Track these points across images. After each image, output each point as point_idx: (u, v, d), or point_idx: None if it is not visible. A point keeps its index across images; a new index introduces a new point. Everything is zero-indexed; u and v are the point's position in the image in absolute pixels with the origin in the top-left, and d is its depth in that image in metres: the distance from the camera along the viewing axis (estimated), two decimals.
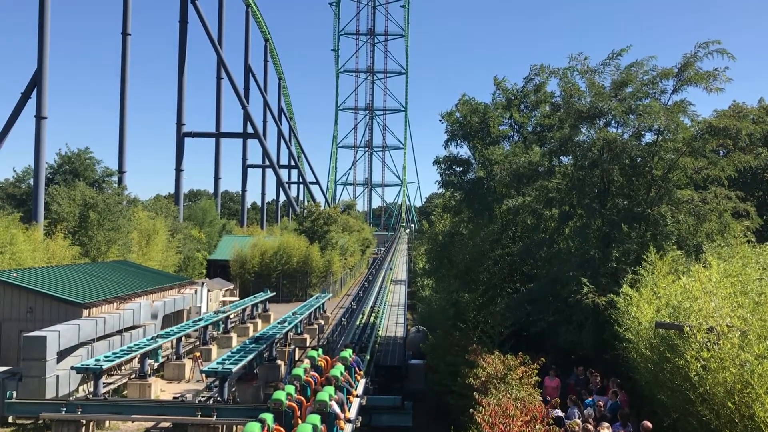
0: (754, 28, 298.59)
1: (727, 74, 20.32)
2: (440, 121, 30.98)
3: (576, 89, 23.22)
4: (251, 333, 39.11)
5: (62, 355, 23.73)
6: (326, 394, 15.47)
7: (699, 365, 11.76)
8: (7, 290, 26.96)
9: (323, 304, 46.13)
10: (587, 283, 19.02)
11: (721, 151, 23.56)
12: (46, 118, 50.93)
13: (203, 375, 25.98)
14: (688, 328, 12.57)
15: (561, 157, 25.08)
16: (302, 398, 16.72)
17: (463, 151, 31.03)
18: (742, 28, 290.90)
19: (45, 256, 38.63)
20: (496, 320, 23.38)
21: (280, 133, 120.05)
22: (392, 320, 40.48)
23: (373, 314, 38.85)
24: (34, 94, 52.38)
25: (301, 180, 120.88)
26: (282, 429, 14.50)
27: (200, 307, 40.87)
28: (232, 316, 40.02)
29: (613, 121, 22.38)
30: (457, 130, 30.27)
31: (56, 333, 23.41)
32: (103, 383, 23.19)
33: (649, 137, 22.15)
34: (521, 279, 26.98)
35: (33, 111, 51.35)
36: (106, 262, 41.60)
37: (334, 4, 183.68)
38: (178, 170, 78.81)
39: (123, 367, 27.24)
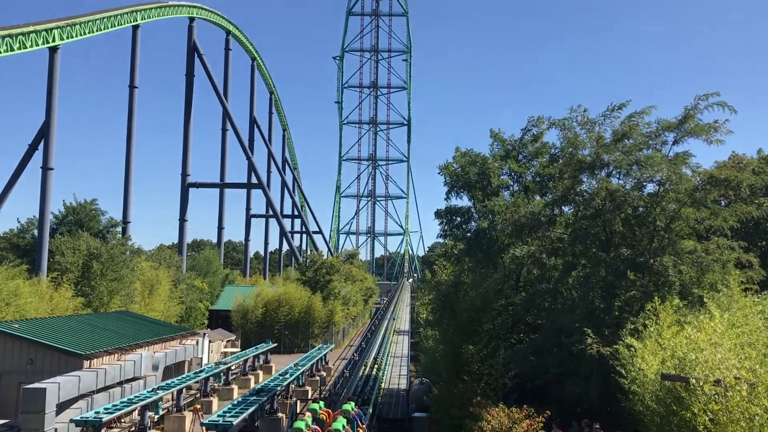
0: (750, 79, 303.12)
1: (727, 126, 20.60)
2: (438, 173, 31.32)
3: (577, 140, 23.50)
4: (252, 385, 38.65)
5: (61, 407, 23.44)
6: None
7: (707, 418, 11.59)
8: (8, 342, 26.80)
9: (325, 355, 45.70)
10: (591, 334, 18.89)
11: (723, 202, 23.68)
12: (52, 169, 51.45)
13: (203, 428, 25.61)
14: (694, 380, 12.44)
15: (563, 207, 25.24)
16: None
17: (464, 202, 31.27)
18: (739, 79, 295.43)
19: (48, 307, 38.53)
20: (499, 372, 23.14)
21: (283, 183, 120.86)
22: (395, 372, 40.07)
23: (376, 366, 38.48)
24: (41, 146, 52.99)
25: (304, 229, 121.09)
26: None
27: (201, 359, 40.50)
28: (233, 368, 39.63)
29: (614, 172, 22.59)
30: (456, 181, 30.57)
31: (56, 385, 23.19)
32: None
33: (651, 188, 22.35)
34: (525, 329, 26.81)
35: (39, 162, 51.92)
36: (108, 312, 41.44)
37: (338, 57, 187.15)
38: (182, 220, 79.07)
39: (123, 420, 26.86)
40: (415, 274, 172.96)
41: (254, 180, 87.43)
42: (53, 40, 51.35)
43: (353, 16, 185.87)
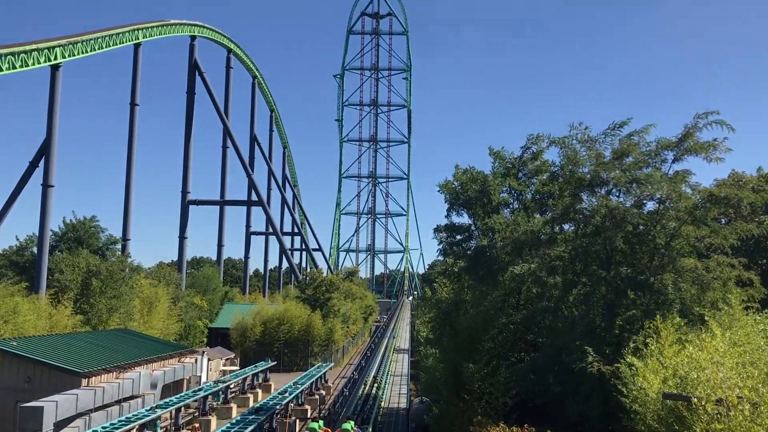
0: (749, 96, 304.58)
1: (726, 144, 20.66)
2: (438, 191, 31.34)
3: (577, 158, 23.52)
4: (251, 403, 38.38)
5: (59, 426, 23.26)
6: None
7: None
8: (6, 359, 26.66)
9: (325, 373, 45.45)
10: (591, 353, 18.80)
11: (723, 220, 23.67)
12: (52, 186, 51.48)
13: None
14: (696, 400, 12.34)
15: (563, 225, 25.22)
16: None
17: (464, 219, 31.26)
18: (738, 97, 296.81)
19: (47, 325, 38.39)
20: (500, 390, 22.99)
21: (283, 201, 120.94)
22: (395, 390, 39.83)
23: (376, 384, 38.26)
24: (41, 162, 53.06)
25: (303, 247, 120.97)
26: None
27: (200, 377, 40.25)
28: (232, 386, 39.38)
29: (614, 190, 22.60)
30: (457, 198, 30.59)
31: (53, 403, 23.02)
32: None
33: (651, 206, 22.35)
34: (526, 348, 26.68)
35: (40, 179, 51.95)
36: (106, 330, 41.27)
37: (338, 76, 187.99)
38: (182, 237, 79.00)
39: None
40: (415, 292, 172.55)
41: (254, 197, 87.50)
42: (55, 58, 51.58)
43: (354, 35, 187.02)
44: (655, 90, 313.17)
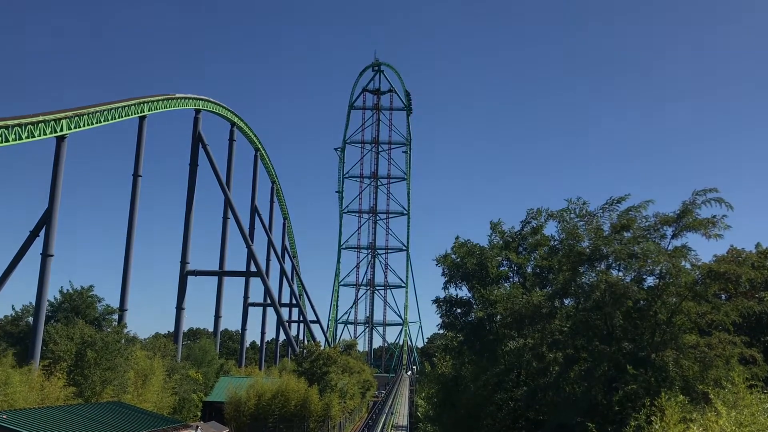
0: (747, 172, 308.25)
1: (725, 221, 20.86)
2: (436, 264, 31.41)
3: (576, 232, 23.68)
4: None
5: None
6: None
7: None
8: None
9: None
10: (594, 430, 18.41)
11: (723, 296, 23.61)
12: (52, 255, 51.46)
13: None
14: None
15: (563, 299, 25.13)
16: None
17: (463, 292, 31.18)
18: (735, 175, 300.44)
19: (38, 397, 37.63)
20: None
21: (282, 272, 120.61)
22: None
23: None
24: (42, 232, 53.20)
25: (301, 319, 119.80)
26: None
27: None
28: None
29: (614, 264, 22.65)
30: (455, 272, 30.60)
31: None
32: None
33: (651, 281, 22.35)
34: (527, 425, 26.13)
35: (39, 248, 51.97)
36: (99, 403, 40.41)
37: (339, 149, 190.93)
38: (179, 308, 78.40)
39: None
40: (414, 367, 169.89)
41: (253, 268, 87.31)
42: (61, 130, 52.44)
43: (355, 109, 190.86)
44: (654, 162, 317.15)
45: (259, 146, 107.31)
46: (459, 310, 31.79)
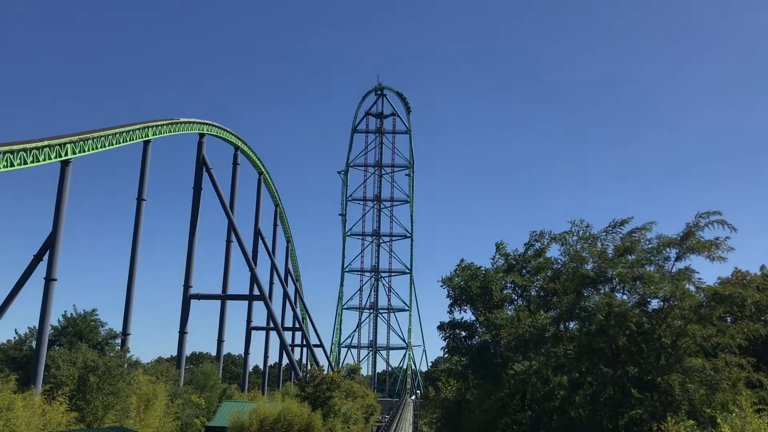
0: (751, 194, 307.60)
1: (729, 243, 20.82)
2: (441, 286, 31.39)
3: (579, 255, 23.66)
4: None
5: None
6: None
7: None
8: None
9: None
10: None
11: (729, 318, 23.48)
12: (55, 279, 51.43)
13: None
14: None
15: (567, 323, 25.01)
16: None
17: (467, 315, 31.12)
18: (740, 196, 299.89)
19: (40, 422, 37.39)
20: None
21: (285, 295, 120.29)
22: None
23: None
24: (45, 256, 53.20)
25: (304, 343, 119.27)
26: None
27: None
28: None
29: (618, 287, 22.57)
30: (459, 295, 30.58)
31: None
32: None
33: (655, 304, 22.26)
34: None
35: (43, 273, 51.94)
36: (101, 428, 40.15)
37: (342, 172, 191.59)
38: (182, 332, 78.07)
39: None
40: (418, 391, 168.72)
41: (256, 291, 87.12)
42: (66, 154, 52.67)
43: (358, 133, 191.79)
44: (656, 183, 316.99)
45: (263, 169, 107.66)
46: (464, 333, 31.68)
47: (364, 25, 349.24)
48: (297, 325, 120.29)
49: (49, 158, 50.88)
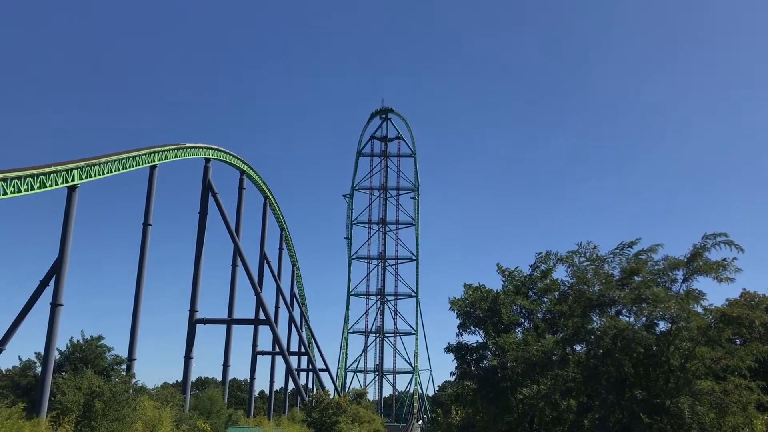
0: (758, 215, 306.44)
1: (736, 264, 20.73)
2: (449, 309, 31.23)
3: (585, 277, 23.57)
4: None
5: None
6: None
7: None
8: None
9: None
10: None
11: (738, 340, 23.29)
12: (61, 305, 51.45)
13: None
14: None
15: (574, 346, 24.85)
16: None
17: (475, 338, 30.95)
18: (747, 216, 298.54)
19: None
20: None
21: (291, 319, 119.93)
22: None
23: None
24: (52, 282, 53.26)
25: (310, 367, 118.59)
26: None
27: None
28: None
29: (624, 310, 22.44)
30: (468, 317, 30.43)
31: None
32: None
33: (662, 326, 22.11)
34: None
35: (49, 298, 51.95)
36: None
37: (347, 195, 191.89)
38: (188, 357, 77.80)
39: None
40: (425, 416, 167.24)
41: (262, 316, 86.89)
42: (72, 180, 52.92)
43: (363, 156, 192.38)
44: (663, 205, 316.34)
45: (268, 194, 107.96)
46: (473, 357, 31.48)
47: (369, 50, 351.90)
48: (303, 350, 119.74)
49: (56, 184, 51.12)
